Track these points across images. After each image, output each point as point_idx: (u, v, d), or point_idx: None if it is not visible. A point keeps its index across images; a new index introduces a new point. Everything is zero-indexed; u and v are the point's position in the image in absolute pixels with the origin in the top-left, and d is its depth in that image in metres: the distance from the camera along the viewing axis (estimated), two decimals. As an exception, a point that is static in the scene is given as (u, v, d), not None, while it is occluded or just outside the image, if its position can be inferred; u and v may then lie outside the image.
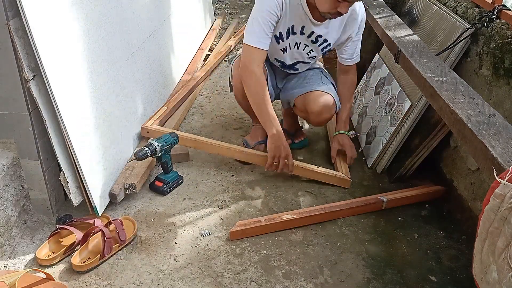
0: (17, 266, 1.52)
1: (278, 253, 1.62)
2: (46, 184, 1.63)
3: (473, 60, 1.80)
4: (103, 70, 1.74)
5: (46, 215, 1.69)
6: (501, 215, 0.92)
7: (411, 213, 1.84)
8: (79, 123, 1.58)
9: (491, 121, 1.23)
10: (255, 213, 1.80)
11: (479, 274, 1.02)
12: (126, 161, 1.92)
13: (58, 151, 1.56)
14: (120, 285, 1.47)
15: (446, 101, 1.33)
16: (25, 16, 1.33)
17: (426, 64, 1.60)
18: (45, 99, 1.49)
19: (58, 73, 1.47)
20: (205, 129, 2.39)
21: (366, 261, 1.60)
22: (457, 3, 2.03)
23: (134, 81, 2.02)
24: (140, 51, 2.11)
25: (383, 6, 2.40)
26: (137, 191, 1.81)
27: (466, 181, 1.79)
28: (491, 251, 0.96)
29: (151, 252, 1.60)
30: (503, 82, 1.59)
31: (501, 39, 1.63)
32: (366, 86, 2.47)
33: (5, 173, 1.53)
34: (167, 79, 2.49)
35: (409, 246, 1.67)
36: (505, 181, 0.92)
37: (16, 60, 1.41)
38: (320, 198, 1.89)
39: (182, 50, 2.79)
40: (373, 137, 2.14)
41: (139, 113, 2.08)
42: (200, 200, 1.87)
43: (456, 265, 1.59)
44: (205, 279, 1.50)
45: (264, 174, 2.04)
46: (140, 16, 2.12)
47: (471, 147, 1.18)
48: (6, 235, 1.55)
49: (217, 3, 4.42)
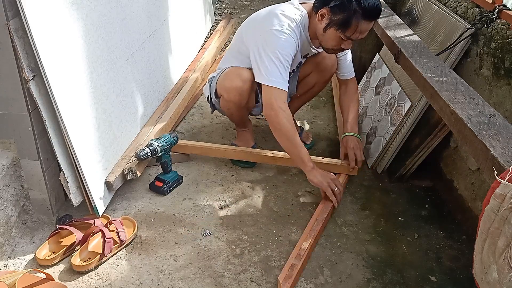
0: (17, 266, 1.51)
1: (278, 253, 1.62)
2: (46, 184, 1.63)
3: (473, 60, 1.80)
4: (103, 70, 1.74)
5: (46, 215, 1.69)
6: (501, 215, 0.92)
7: (411, 213, 1.84)
8: (79, 123, 1.58)
9: (491, 121, 1.23)
10: (255, 213, 1.80)
11: (479, 274, 1.02)
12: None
13: (58, 151, 1.56)
14: (120, 285, 1.46)
15: (446, 101, 1.33)
16: (25, 16, 1.33)
17: (426, 64, 1.60)
18: (45, 99, 1.48)
19: (58, 73, 1.47)
20: (205, 129, 2.39)
21: (366, 261, 1.60)
22: (457, 3, 2.03)
23: (134, 81, 2.02)
24: (140, 51, 2.11)
25: (383, 6, 2.39)
26: (137, 175, 1.80)
27: (466, 181, 1.79)
28: (491, 251, 0.96)
29: (151, 252, 1.60)
30: (504, 82, 1.59)
31: (501, 39, 1.63)
32: (366, 86, 2.47)
33: (5, 173, 1.53)
34: (167, 79, 2.49)
35: (409, 246, 1.67)
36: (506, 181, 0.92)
37: (16, 60, 1.41)
38: (320, 198, 1.89)
39: (182, 50, 2.79)
40: (373, 137, 2.14)
41: (139, 113, 2.08)
42: (200, 200, 1.87)
43: (456, 265, 1.59)
44: (205, 279, 1.50)
45: (264, 174, 2.04)
46: (140, 16, 2.12)
47: (471, 147, 1.18)
48: (6, 235, 1.55)
49: (217, 3, 4.42)
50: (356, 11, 1.64)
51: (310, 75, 2.10)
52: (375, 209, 1.85)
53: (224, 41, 3.43)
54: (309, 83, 2.13)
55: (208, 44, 3.26)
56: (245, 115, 2.10)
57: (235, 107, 1.97)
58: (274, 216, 1.80)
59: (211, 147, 2.06)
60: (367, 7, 1.64)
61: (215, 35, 3.41)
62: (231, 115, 2.07)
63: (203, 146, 2.07)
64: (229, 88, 1.91)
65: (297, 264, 1.49)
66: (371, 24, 1.71)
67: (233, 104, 1.96)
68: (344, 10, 1.65)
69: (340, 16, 1.67)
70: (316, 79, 2.10)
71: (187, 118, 2.49)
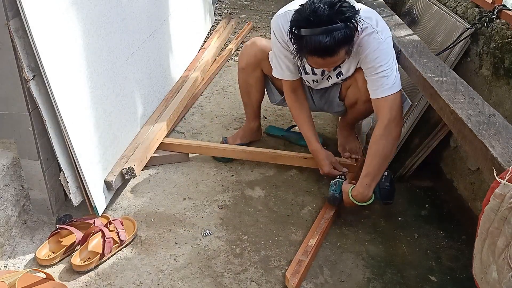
0: (17, 266, 1.52)
1: (278, 253, 1.62)
2: (46, 184, 1.63)
3: (473, 60, 1.80)
4: (103, 70, 1.74)
5: (46, 215, 1.69)
6: (501, 215, 0.92)
7: (411, 213, 1.84)
8: (79, 123, 1.58)
9: (491, 121, 1.23)
10: (255, 213, 1.80)
11: (479, 274, 1.02)
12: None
13: (58, 151, 1.56)
14: (120, 285, 1.47)
15: (446, 101, 1.33)
16: (25, 16, 1.33)
17: (426, 64, 1.60)
18: (45, 99, 1.49)
19: (58, 73, 1.47)
20: (205, 129, 2.39)
21: (366, 261, 1.60)
22: (457, 3, 2.03)
23: (134, 81, 2.02)
24: (140, 51, 2.11)
25: (383, 6, 2.40)
26: (136, 174, 1.80)
27: (466, 181, 1.79)
28: (491, 251, 0.96)
29: (151, 252, 1.60)
30: (503, 82, 1.59)
31: (501, 39, 1.63)
32: (366, 86, 2.47)
33: (5, 173, 1.53)
34: (167, 79, 2.49)
35: (409, 246, 1.67)
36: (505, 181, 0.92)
37: (16, 60, 1.41)
38: (321, 198, 1.89)
39: (182, 50, 2.79)
40: (373, 137, 2.14)
41: (139, 113, 2.08)
42: (200, 200, 1.87)
43: (456, 265, 1.59)
44: (205, 279, 1.50)
45: (264, 174, 2.04)
46: (140, 16, 2.12)
47: (471, 147, 1.18)
48: (6, 235, 1.55)
49: (217, 3, 4.42)
50: (302, 48, 1.52)
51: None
52: (375, 209, 1.85)
53: (224, 41, 3.43)
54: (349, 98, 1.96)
55: (208, 44, 3.25)
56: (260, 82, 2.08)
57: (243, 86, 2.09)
58: (274, 216, 1.80)
59: (211, 147, 2.06)
60: (310, 47, 1.48)
61: (215, 35, 3.41)
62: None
63: (203, 146, 2.07)
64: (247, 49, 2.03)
65: (304, 260, 1.52)
66: (325, 59, 1.52)
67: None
68: (294, 43, 1.54)
69: (296, 49, 1.56)
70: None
71: (187, 117, 2.49)
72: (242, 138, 2.19)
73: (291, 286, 1.44)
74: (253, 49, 2.00)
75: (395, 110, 1.62)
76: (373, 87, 1.66)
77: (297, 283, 1.44)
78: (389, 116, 1.62)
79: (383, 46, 1.61)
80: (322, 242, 1.66)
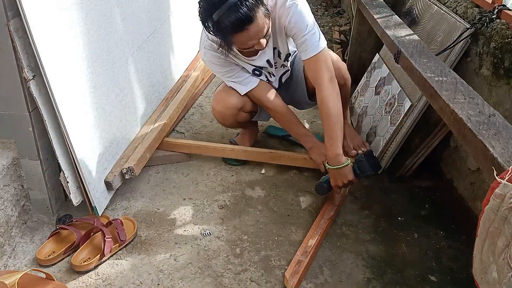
0: (17, 266, 1.52)
1: (278, 253, 1.62)
2: (46, 184, 1.63)
3: (473, 60, 1.80)
4: (103, 70, 1.74)
5: (46, 215, 1.69)
6: (501, 215, 0.92)
7: (411, 213, 1.84)
8: (79, 123, 1.58)
9: (491, 121, 1.22)
10: (255, 213, 1.80)
11: (479, 274, 1.02)
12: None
13: (58, 151, 1.56)
14: (120, 285, 1.47)
15: (446, 101, 1.33)
16: (25, 16, 1.33)
17: (426, 64, 1.60)
18: (45, 99, 1.49)
19: (58, 73, 1.47)
20: (205, 129, 2.39)
21: (366, 261, 1.60)
22: (457, 3, 2.03)
23: (134, 81, 2.02)
24: (140, 51, 2.11)
25: (383, 6, 2.40)
26: (136, 174, 1.80)
27: (466, 181, 1.79)
28: (491, 251, 0.96)
29: (151, 252, 1.60)
30: (503, 82, 1.59)
31: (501, 39, 1.63)
32: (366, 86, 2.47)
33: (5, 173, 1.53)
34: (167, 79, 2.49)
35: (409, 246, 1.67)
36: (505, 181, 0.92)
37: (16, 60, 1.41)
38: (320, 198, 1.89)
39: (183, 50, 2.79)
40: (373, 137, 2.14)
41: (139, 113, 2.08)
42: (200, 200, 1.87)
43: (456, 265, 1.59)
44: (205, 279, 1.50)
45: (264, 174, 2.04)
46: (140, 16, 2.12)
47: (471, 147, 1.18)
48: (6, 235, 1.55)
49: (217, 3, 4.42)
50: (223, 32, 1.52)
51: None
52: (375, 209, 1.85)
53: (224, 41, 3.44)
54: None
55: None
56: (238, 125, 2.12)
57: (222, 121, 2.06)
58: (274, 216, 1.80)
59: (211, 147, 2.06)
60: (229, 23, 1.48)
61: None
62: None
63: (203, 146, 2.07)
64: (214, 109, 2.00)
65: (303, 261, 1.52)
66: (249, 30, 1.51)
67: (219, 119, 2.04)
68: (215, 34, 1.56)
69: (219, 40, 1.59)
70: None
71: (187, 117, 2.49)
72: (250, 140, 2.19)
73: (290, 286, 1.44)
74: (225, 112, 1.96)
75: (329, 66, 1.72)
76: (304, 48, 1.71)
77: (296, 283, 1.44)
78: (327, 74, 1.71)
79: (298, 8, 1.67)
80: (322, 242, 1.66)
